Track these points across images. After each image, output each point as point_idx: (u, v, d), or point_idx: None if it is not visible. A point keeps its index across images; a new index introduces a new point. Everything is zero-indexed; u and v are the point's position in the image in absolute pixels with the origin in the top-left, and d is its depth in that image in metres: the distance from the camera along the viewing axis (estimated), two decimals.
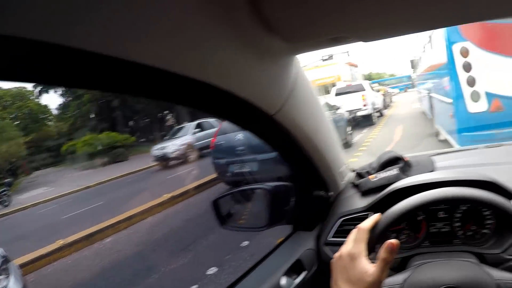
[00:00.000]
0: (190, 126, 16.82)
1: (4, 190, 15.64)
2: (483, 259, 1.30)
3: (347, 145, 11.09)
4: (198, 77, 0.78)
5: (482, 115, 5.55)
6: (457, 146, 5.85)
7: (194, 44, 0.72)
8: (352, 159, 9.17)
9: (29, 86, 32.28)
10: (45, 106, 32.99)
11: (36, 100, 32.61)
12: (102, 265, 6.33)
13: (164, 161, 15.52)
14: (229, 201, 1.64)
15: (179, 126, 18.03)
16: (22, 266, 5.74)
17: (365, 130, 14.23)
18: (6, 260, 4.08)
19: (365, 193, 1.61)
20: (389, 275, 1.25)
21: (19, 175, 21.79)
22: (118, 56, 0.60)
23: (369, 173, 1.73)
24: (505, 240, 1.31)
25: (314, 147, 1.37)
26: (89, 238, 7.47)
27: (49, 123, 32.46)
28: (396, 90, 41.81)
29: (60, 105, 33.11)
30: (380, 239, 1.01)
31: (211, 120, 16.23)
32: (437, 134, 9.11)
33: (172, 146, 15.30)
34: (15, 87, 31.75)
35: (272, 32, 0.87)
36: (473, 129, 5.69)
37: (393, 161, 1.72)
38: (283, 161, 1.46)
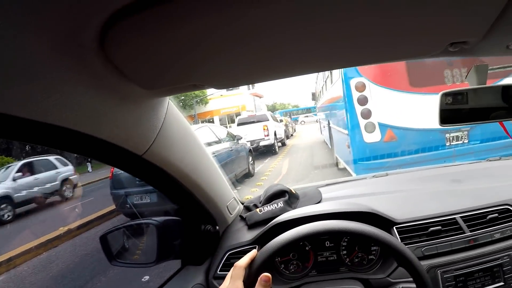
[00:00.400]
0: (15, 167, 12.08)
1: None
2: (369, 285, 1.42)
3: (249, 175, 11.14)
4: (54, 122, 0.79)
5: (377, 145, 5.96)
6: (353, 175, 6.13)
7: (46, 90, 0.72)
8: (253, 189, 9.29)
9: None
10: None
11: None
12: None
13: None
14: (119, 236, 1.59)
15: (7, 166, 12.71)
16: None
17: (267, 160, 14.40)
18: None
19: (252, 226, 1.65)
20: None
21: None
22: None
23: (256, 206, 1.77)
24: (389, 265, 1.45)
25: (193, 183, 1.40)
26: None
27: None
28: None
29: None
30: (260, 273, 1.02)
31: (52, 158, 12.79)
32: (336, 163, 9.51)
33: None
34: None
35: (127, 80, 0.88)
36: (368, 158, 6.05)
37: (280, 194, 1.77)
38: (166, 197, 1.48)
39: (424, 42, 0.85)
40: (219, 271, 1.54)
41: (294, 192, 1.82)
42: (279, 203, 1.68)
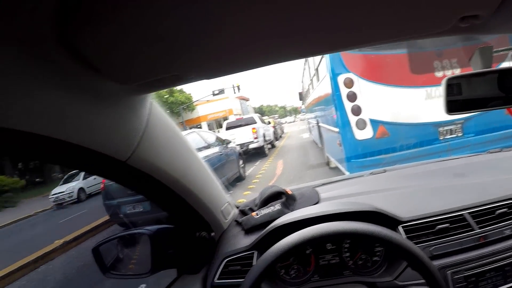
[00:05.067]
0: None
1: None
2: None
3: (240, 178, 11.16)
4: (22, 128, 0.70)
5: (369, 142, 5.87)
6: (346, 174, 6.05)
7: (12, 93, 0.65)
8: (246, 192, 9.31)
9: None
10: None
11: None
12: None
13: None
14: (112, 247, 1.54)
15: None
16: None
17: (258, 162, 14.42)
18: None
19: (249, 230, 1.59)
20: None
21: None
22: None
23: (252, 210, 1.72)
24: (396, 267, 1.37)
25: (184, 189, 1.31)
26: None
27: None
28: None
29: None
30: (261, 281, 1.02)
31: None
32: (328, 162, 9.46)
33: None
34: None
35: (101, 75, 0.81)
36: (360, 156, 5.97)
37: (276, 196, 1.72)
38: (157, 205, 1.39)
39: (433, 16, 0.78)
40: (217, 280, 1.46)
41: (290, 193, 1.76)
42: (276, 206, 1.62)
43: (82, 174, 16.65)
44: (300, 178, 9.56)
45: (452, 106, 1.37)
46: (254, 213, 1.64)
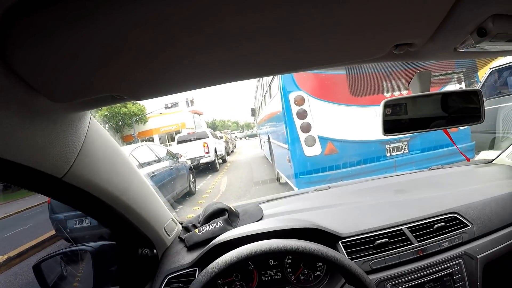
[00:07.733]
0: None
1: None
2: None
3: (190, 193, 10.98)
4: None
5: (318, 158, 5.96)
6: (295, 189, 6.11)
7: None
8: (195, 207, 9.18)
9: None
10: None
11: None
12: None
13: None
14: (55, 264, 1.50)
15: None
16: None
17: (208, 177, 14.26)
18: None
19: (192, 247, 1.58)
20: None
21: None
22: None
23: (195, 226, 1.71)
24: (337, 281, 1.42)
25: (125, 206, 1.28)
26: None
27: None
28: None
29: None
30: None
31: None
32: (278, 178, 9.52)
33: None
34: None
35: (35, 93, 0.79)
36: (309, 172, 6.04)
37: (219, 212, 1.73)
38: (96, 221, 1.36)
39: (367, 44, 0.81)
40: None
41: (234, 210, 1.78)
42: (219, 222, 1.63)
43: None
44: (250, 194, 9.56)
45: (388, 127, 1.43)
46: (197, 230, 1.64)
